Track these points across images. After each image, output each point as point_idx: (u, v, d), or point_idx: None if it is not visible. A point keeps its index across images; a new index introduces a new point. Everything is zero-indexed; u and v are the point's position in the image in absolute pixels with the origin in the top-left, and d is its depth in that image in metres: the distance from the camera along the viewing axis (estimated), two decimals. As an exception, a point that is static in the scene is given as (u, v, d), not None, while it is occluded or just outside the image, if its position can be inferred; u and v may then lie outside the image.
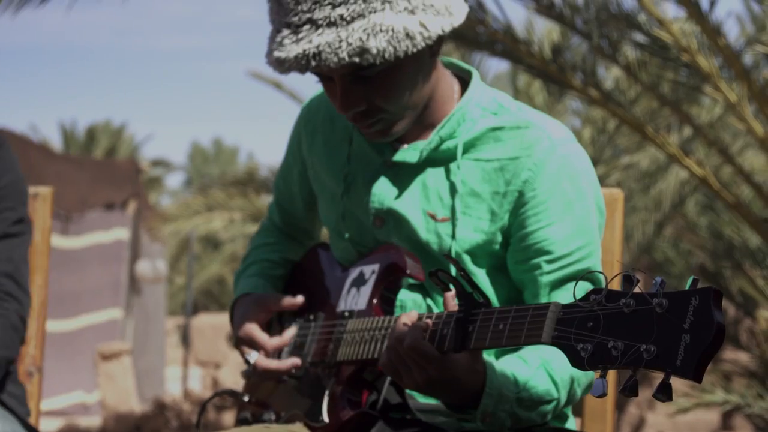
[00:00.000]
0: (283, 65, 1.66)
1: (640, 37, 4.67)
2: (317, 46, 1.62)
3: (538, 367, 1.65)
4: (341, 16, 1.62)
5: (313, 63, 1.63)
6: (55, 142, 21.53)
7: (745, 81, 3.94)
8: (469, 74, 1.81)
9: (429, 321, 1.57)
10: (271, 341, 1.84)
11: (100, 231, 9.93)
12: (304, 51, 1.63)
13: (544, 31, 6.87)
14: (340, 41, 1.61)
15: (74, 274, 9.45)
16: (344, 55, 1.61)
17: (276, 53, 1.67)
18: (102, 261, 9.97)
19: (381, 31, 1.61)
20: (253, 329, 1.85)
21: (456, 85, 1.80)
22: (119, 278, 10.19)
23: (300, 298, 1.87)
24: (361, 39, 1.61)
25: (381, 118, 1.72)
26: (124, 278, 10.24)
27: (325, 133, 1.87)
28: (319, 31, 1.63)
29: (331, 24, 1.62)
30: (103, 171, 10.97)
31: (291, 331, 1.86)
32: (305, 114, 1.92)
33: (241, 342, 1.87)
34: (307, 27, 1.64)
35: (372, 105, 1.70)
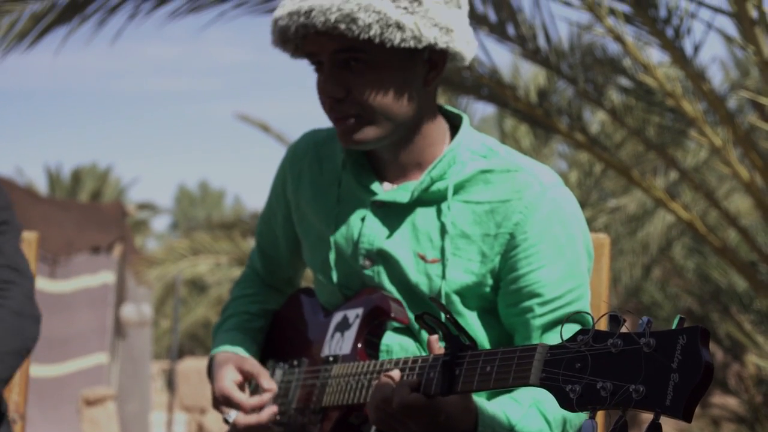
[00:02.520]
0: (276, 24, 1.72)
1: (625, 82, 4.71)
2: (310, 5, 1.68)
3: (530, 407, 1.64)
4: None
5: (301, 20, 1.68)
6: (41, 185, 21.51)
7: (730, 126, 3.97)
8: (459, 119, 1.83)
9: (412, 374, 1.56)
10: (250, 401, 1.82)
11: (87, 274, 9.88)
12: (299, 8, 1.69)
13: (530, 75, 6.93)
14: (332, 4, 1.67)
15: (62, 318, 9.38)
16: (332, 17, 1.66)
17: (275, 13, 1.73)
18: (89, 305, 9.91)
19: (374, 11, 1.67)
20: (230, 389, 1.83)
21: (446, 129, 1.81)
22: (105, 322, 10.13)
23: (273, 387, 1.84)
24: (352, 9, 1.66)
25: (356, 114, 1.73)
26: (110, 322, 10.17)
27: (313, 175, 1.88)
28: None
29: None
30: (89, 214, 10.93)
31: (269, 390, 1.83)
32: (291, 156, 1.92)
33: (218, 402, 1.85)
34: None
35: (350, 96, 1.72)
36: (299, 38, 1.73)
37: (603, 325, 1.34)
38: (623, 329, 1.29)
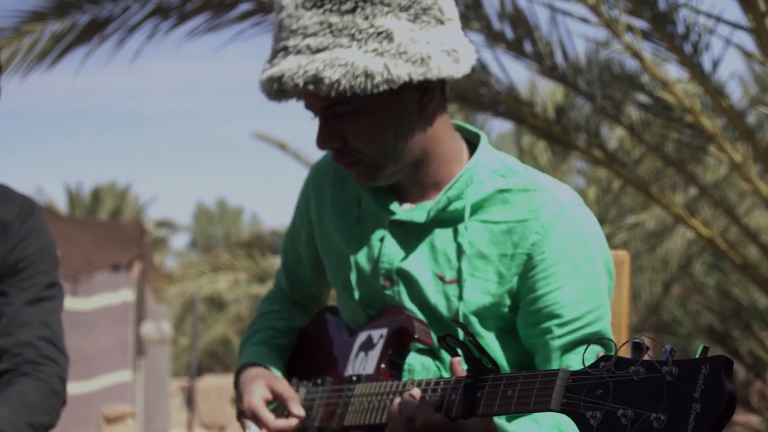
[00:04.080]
0: (261, 87, 1.73)
1: (643, 98, 4.70)
2: (281, 71, 1.68)
3: (551, 428, 1.63)
4: (308, 46, 1.67)
5: (276, 87, 1.68)
6: (61, 204, 21.62)
7: (750, 141, 3.96)
8: (477, 137, 1.82)
9: (435, 394, 1.56)
10: (276, 423, 1.82)
11: (109, 292, 9.92)
12: (272, 75, 1.69)
13: (548, 92, 6.93)
14: (299, 68, 1.66)
15: (86, 335, 9.42)
16: (300, 81, 1.66)
17: (259, 75, 1.74)
18: (111, 322, 9.95)
19: (339, 64, 1.65)
20: (259, 406, 1.83)
21: (464, 148, 1.81)
22: (127, 340, 10.16)
23: (302, 414, 1.84)
24: (317, 68, 1.65)
25: (359, 159, 1.73)
26: (131, 340, 10.20)
27: (335, 194, 1.88)
28: (288, 58, 1.68)
29: (298, 52, 1.68)
30: (108, 232, 10.99)
31: (297, 417, 1.83)
32: (313, 176, 1.93)
33: (243, 415, 1.85)
34: (281, 54, 1.70)
35: (348, 144, 1.72)
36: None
37: (625, 352, 1.33)
38: (646, 357, 1.28)
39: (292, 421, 1.82)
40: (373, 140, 1.71)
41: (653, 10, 3.92)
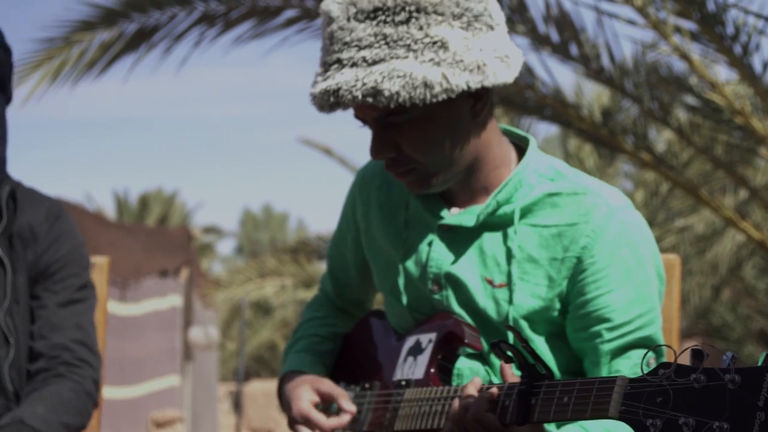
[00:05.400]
0: (313, 100, 1.72)
1: (691, 100, 4.66)
2: (337, 84, 1.67)
3: None
4: (364, 58, 1.66)
5: (332, 100, 1.67)
6: (109, 211, 21.87)
7: (802, 143, 3.90)
8: (525, 141, 1.82)
9: (494, 391, 1.55)
10: (329, 422, 1.82)
11: (156, 297, 10.01)
12: (327, 88, 1.68)
13: (594, 95, 6.88)
14: (357, 81, 1.65)
15: (134, 340, 9.52)
16: (358, 94, 1.65)
17: (310, 89, 1.72)
18: (159, 327, 10.04)
19: (398, 76, 1.64)
20: (309, 409, 1.83)
21: (512, 152, 1.80)
22: (175, 345, 10.24)
23: (353, 409, 1.85)
24: (376, 81, 1.64)
25: (413, 168, 1.73)
26: (179, 345, 10.28)
27: (381, 199, 1.88)
28: (343, 70, 1.67)
29: (354, 65, 1.67)
30: (156, 238, 11.08)
31: (349, 412, 1.83)
32: (360, 180, 1.94)
33: (294, 422, 1.86)
34: (335, 66, 1.69)
35: (402, 153, 1.72)
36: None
37: (670, 357, 1.31)
38: (707, 364, 1.27)
39: (345, 417, 1.82)
40: (429, 149, 1.71)
41: (701, 11, 3.88)
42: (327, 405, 1.86)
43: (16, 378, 2.05)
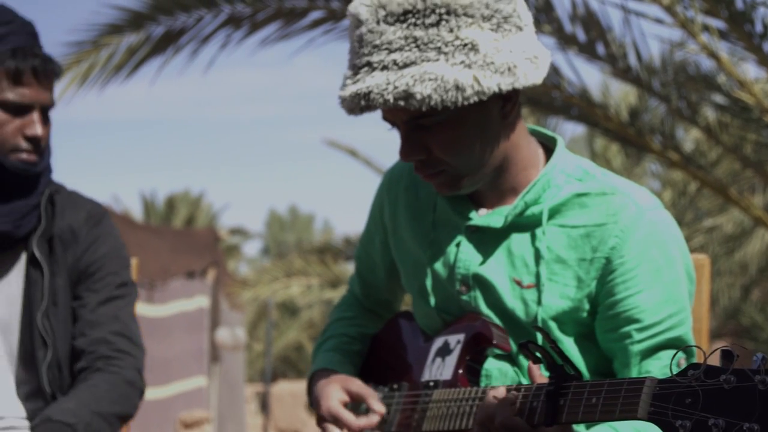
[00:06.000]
0: (342, 103, 1.71)
1: (720, 99, 4.62)
2: (368, 87, 1.66)
3: None
4: (395, 61, 1.66)
5: (363, 103, 1.67)
6: (136, 212, 22.00)
7: (832, 141, 3.86)
8: (553, 141, 1.81)
9: (518, 394, 1.55)
10: (358, 421, 1.83)
11: (183, 299, 10.06)
12: (357, 91, 1.67)
13: (621, 94, 6.85)
14: (388, 84, 1.65)
15: (162, 341, 9.57)
16: (390, 97, 1.64)
17: (339, 92, 1.72)
18: (186, 329, 10.09)
19: (429, 79, 1.64)
20: (339, 408, 1.84)
21: (540, 152, 1.80)
22: (202, 346, 10.29)
23: (382, 410, 1.85)
24: (407, 84, 1.64)
25: (443, 170, 1.72)
26: (206, 346, 10.32)
27: (409, 200, 1.88)
28: (373, 73, 1.67)
29: (384, 68, 1.66)
30: (183, 240, 11.14)
31: (379, 413, 1.83)
32: (387, 181, 1.94)
33: (323, 420, 1.86)
34: (365, 69, 1.68)
35: (432, 155, 1.71)
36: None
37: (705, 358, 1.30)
38: (736, 365, 1.26)
39: (374, 418, 1.83)
40: (460, 151, 1.70)
41: (730, 9, 3.86)
42: (356, 405, 1.87)
43: (54, 380, 2.07)
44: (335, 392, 1.85)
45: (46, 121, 2.09)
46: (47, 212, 2.11)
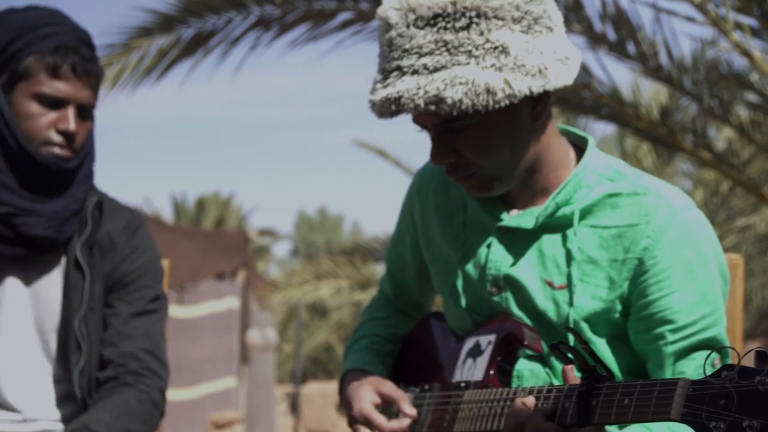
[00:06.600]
0: (373, 107, 1.71)
1: (752, 97, 4.58)
2: (398, 92, 1.65)
3: None
4: (425, 65, 1.65)
5: (393, 108, 1.66)
6: (167, 214, 22.15)
7: None
8: (584, 141, 1.80)
9: (549, 398, 1.54)
10: (389, 424, 1.83)
11: (214, 300, 10.10)
12: (388, 95, 1.66)
13: (651, 93, 6.80)
14: (419, 89, 1.64)
15: (192, 343, 9.62)
16: (420, 102, 1.64)
17: (370, 96, 1.72)
18: (216, 330, 10.13)
19: (460, 83, 1.63)
20: (370, 410, 1.84)
21: (571, 152, 1.79)
22: (232, 347, 10.33)
23: (414, 413, 1.84)
24: (438, 88, 1.63)
25: (474, 173, 1.72)
26: (236, 347, 10.37)
27: (439, 200, 1.88)
28: (404, 78, 1.66)
29: (414, 72, 1.66)
30: (212, 241, 11.19)
31: (410, 416, 1.83)
32: (418, 182, 1.93)
33: (354, 421, 1.86)
34: (395, 74, 1.67)
35: (462, 158, 1.71)
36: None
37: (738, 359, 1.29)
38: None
39: (405, 421, 1.82)
40: (491, 153, 1.70)
41: (762, 7, 3.82)
42: (387, 407, 1.86)
43: (85, 385, 2.08)
44: (367, 394, 1.85)
45: (84, 119, 2.10)
46: (94, 218, 2.13)
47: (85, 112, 2.10)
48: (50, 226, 2.06)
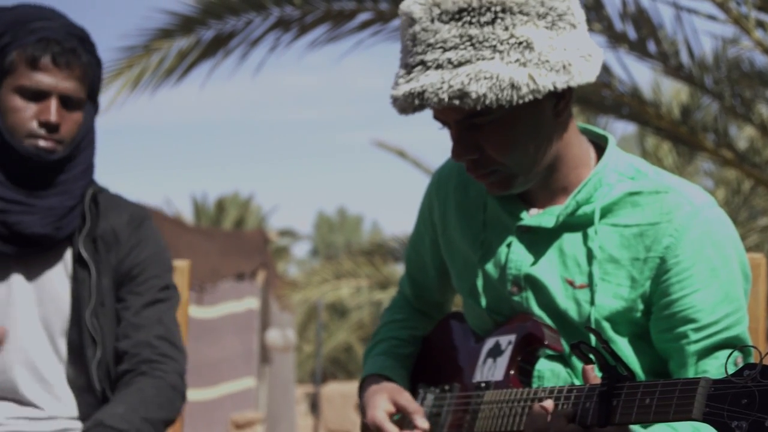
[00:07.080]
0: (395, 102, 1.70)
1: (774, 96, 4.55)
2: (422, 86, 1.65)
3: None
4: (449, 60, 1.64)
5: (417, 102, 1.66)
6: (187, 215, 22.22)
7: None
8: (604, 140, 1.80)
9: (567, 402, 1.53)
10: None
11: (233, 301, 10.14)
12: (411, 90, 1.66)
13: (672, 92, 6.77)
14: (443, 83, 1.64)
15: (211, 343, 9.65)
16: (444, 96, 1.63)
17: (392, 91, 1.71)
18: (236, 330, 10.16)
19: (484, 77, 1.62)
20: (383, 420, 1.83)
21: (591, 151, 1.78)
22: (252, 347, 10.36)
23: (426, 427, 1.83)
24: (462, 83, 1.63)
25: (495, 170, 1.71)
26: (255, 347, 10.39)
27: (458, 199, 1.88)
28: (428, 72, 1.66)
29: (439, 66, 1.65)
30: (232, 242, 11.22)
31: (421, 430, 1.82)
32: (437, 181, 1.93)
33: (367, 428, 1.86)
34: (418, 68, 1.67)
35: (485, 155, 1.70)
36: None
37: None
38: None
39: None
40: (513, 150, 1.69)
41: (784, 5, 3.79)
42: (404, 416, 1.86)
43: (104, 377, 2.09)
44: (382, 402, 1.84)
45: (70, 111, 2.08)
46: (91, 212, 2.13)
47: (71, 104, 2.07)
48: (47, 223, 2.06)
